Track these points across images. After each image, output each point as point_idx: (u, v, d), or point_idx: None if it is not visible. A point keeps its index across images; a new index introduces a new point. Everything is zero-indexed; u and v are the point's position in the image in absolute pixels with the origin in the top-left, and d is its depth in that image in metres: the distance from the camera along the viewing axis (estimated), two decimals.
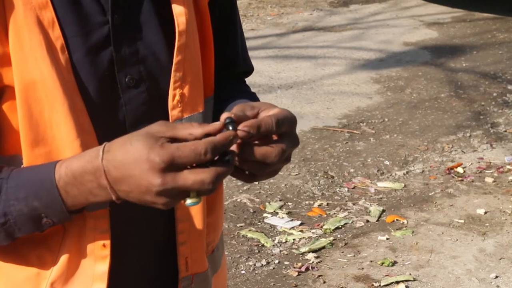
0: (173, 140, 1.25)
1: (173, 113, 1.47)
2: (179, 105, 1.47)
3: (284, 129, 1.31)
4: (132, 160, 1.25)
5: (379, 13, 8.48)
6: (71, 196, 1.33)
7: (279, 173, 4.82)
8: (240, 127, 1.27)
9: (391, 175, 4.92)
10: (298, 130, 5.47)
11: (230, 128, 1.27)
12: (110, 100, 1.42)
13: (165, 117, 1.47)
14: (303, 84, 6.38)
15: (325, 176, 4.88)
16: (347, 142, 5.35)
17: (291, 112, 1.36)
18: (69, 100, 1.36)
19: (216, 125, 1.26)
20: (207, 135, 1.25)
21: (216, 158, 1.24)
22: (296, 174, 4.90)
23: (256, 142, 1.30)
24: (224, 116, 1.27)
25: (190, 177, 1.23)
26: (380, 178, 4.88)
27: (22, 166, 1.39)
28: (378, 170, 4.96)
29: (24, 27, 1.35)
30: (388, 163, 5.06)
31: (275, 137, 1.32)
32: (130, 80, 1.43)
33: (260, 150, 1.29)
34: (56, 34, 1.37)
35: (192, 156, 1.22)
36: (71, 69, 1.37)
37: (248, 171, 1.32)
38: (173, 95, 1.47)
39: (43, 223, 1.35)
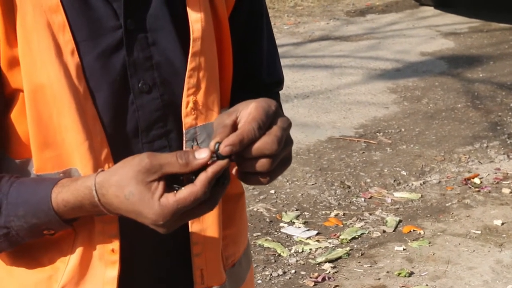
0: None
1: (187, 120, 1.46)
2: (193, 113, 1.46)
3: (268, 123, 1.29)
4: (132, 211, 1.27)
5: (395, 23, 8.48)
6: (71, 216, 1.35)
7: (296, 182, 4.85)
8: (221, 146, 1.25)
9: (407, 185, 4.91)
10: (314, 140, 5.49)
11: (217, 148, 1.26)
12: (123, 105, 1.41)
13: (179, 124, 1.46)
14: (319, 93, 6.39)
15: (342, 186, 4.88)
16: (363, 152, 5.35)
17: (269, 100, 1.32)
18: (77, 104, 1.36)
19: (205, 158, 1.25)
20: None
21: None
22: (313, 184, 4.90)
23: None
24: (212, 144, 1.26)
25: (194, 214, 1.27)
26: (397, 188, 4.87)
27: (32, 170, 1.40)
28: (394, 180, 4.96)
29: (33, 30, 1.35)
30: (404, 173, 5.06)
31: None
32: (143, 86, 1.42)
33: (255, 147, 1.27)
34: (66, 38, 1.36)
35: (193, 204, 1.24)
36: (82, 73, 1.37)
37: (257, 172, 1.29)
38: (187, 102, 1.45)
39: (44, 233, 1.37)
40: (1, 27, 1.34)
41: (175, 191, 1.25)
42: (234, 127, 1.29)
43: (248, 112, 1.30)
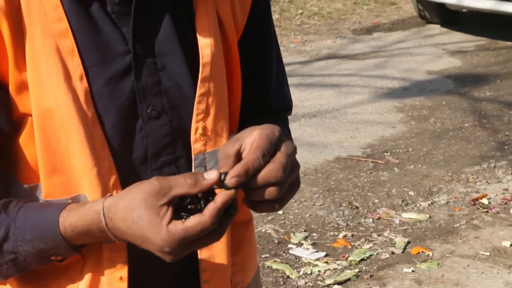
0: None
1: (196, 146, 1.45)
2: (202, 139, 1.45)
3: (273, 150, 1.29)
4: (139, 236, 1.27)
5: (402, 41, 8.49)
6: (78, 242, 1.35)
7: (304, 203, 4.84)
8: (227, 178, 1.25)
9: (415, 206, 4.91)
10: (322, 159, 5.49)
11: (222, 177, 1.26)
12: (131, 131, 1.41)
13: (187, 150, 1.45)
14: (326, 112, 6.40)
15: (350, 206, 4.88)
16: (371, 172, 5.34)
17: (272, 126, 1.32)
18: (85, 129, 1.36)
19: (213, 178, 1.25)
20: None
21: None
22: (321, 205, 4.90)
23: None
24: (217, 174, 1.26)
25: (201, 243, 1.28)
26: (405, 209, 4.87)
27: (41, 195, 1.40)
28: (402, 201, 4.96)
29: (42, 55, 1.35)
30: (412, 193, 5.06)
31: None
32: (152, 111, 1.42)
33: (261, 176, 1.27)
34: (75, 63, 1.36)
35: (200, 234, 1.25)
36: (91, 98, 1.37)
37: (265, 200, 1.29)
38: (196, 128, 1.45)
39: (52, 259, 1.37)
40: (10, 51, 1.35)
41: (183, 219, 1.24)
42: (238, 156, 1.29)
43: (252, 139, 1.30)
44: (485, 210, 4.86)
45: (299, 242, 4.48)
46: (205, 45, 1.45)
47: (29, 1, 1.36)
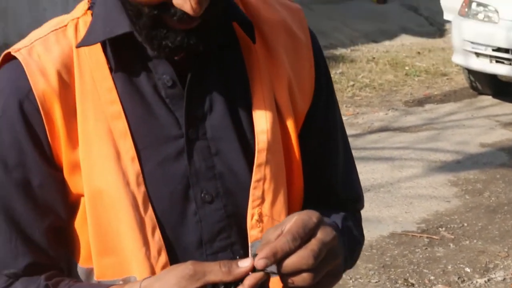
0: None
1: (252, 233, 1.44)
2: (258, 225, 1.43)
3: (306, 236, 1.27)
4: None
5: (454, 113, 8.51)
6: None
7: (359, 280, 4.85)
8: (256, 259, 1.24)
9: (472, 283, 4.89)
10: (377, 235, 5.49)
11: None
12: (183, 215, 1.40)
13: (243, 235, 1.44)
14: (380, 187, 6.42)
15: (406, 283, 4.88)
16: (426, 248, 5.34)
17: (311, 211, 1.29)
18: (135, 211, 1.36)
19: (247, 267, 1.25)
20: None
21: None
22: (376, 282, 4.90)
23: None
24: (252, 260, 1.25)
25: None
26: (461, 286, 4.85)
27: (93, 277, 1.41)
28: (458, 278, 4.94)
29: (94, 136, 1.36)
30: (468, 270, 5.04)
31: None
32: (206, 196, 1.41)
33: (290, 261, 1.25)
34: (127, 145, 1.37)
35: None
36: (142, 181, 1.37)
37: (299, 287, 1.27)
38: (252, 214, 1.43)
39: None
40: (63, 131, 1.37)
41: None
42: None
43: (288, 224, 1.28)
44: None
45: None
46: (261, 131, 1.44)
47: (83, 83, 1.38)
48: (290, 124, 1.48)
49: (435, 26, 12.31)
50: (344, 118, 8.33)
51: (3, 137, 1.39)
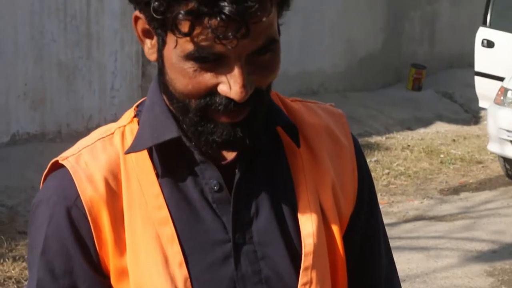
0: None
1: None
2: None
3: None
4: None
5: (490, 201, 8.46)
6: None
7: None
8: None
9: None
10: None
11: None
12: None
13: None
14: (415, 277, 6.36)
15: None
16: None
17: None
18: None
19: None
20: None
21: None
22: None
23: None
24: None
25: None
26: None
27: None
28: None
29: (141, 242, 1.39)
30: None
31: None
32: None
33: None
34: (175, 250, 1.39)
35: None
36: (190, 286, 1.38)
37: None
38: None
39: None
40: (110, 238, 1.40)
41: None
42: None
43: None
44: None
45: None
46: (308, 234, 1.46)
47: (130, 189, 1.42)
48: (335, 228, 1.50)
49: (470, 114, 12.32)
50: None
51: (50, 244, 1.42)
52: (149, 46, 1.41)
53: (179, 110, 1.40)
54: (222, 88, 1.34)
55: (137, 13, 1.39)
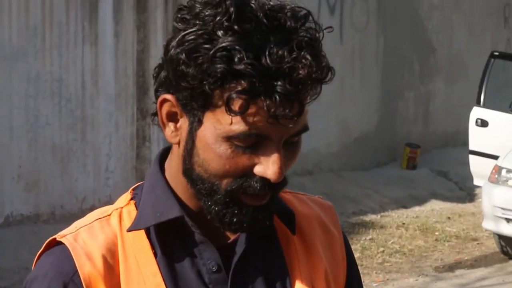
0: None
1: None
2: None
3: None
4: None
5: (485, 278, 8.43)
6: None
7: None
8: None
9: None
10: None
11: None
12: None
13: None
14: None
15: None
16: None
17: None
18: None
19: None
20: None
21: None
22: None
23: None
24: None
25: None
26: None
27: None
28: None
29: None
30: None
31: None
32: None
33: None
34: None
35: None
36: None
37: None
38: None
39: None
40: None
41: None
42: None
43: None
44: None
45: None
46: None
47: (127, 267, 1.44)
48: None
49: (465, 191, 12.33)
50: (373, 285, 8.28)
51: None
52: (172, 129, 1.43)
53: (204, 192, 1.42)
54: (259, 170, 1.37)
55: (166, 95, 1.41)
